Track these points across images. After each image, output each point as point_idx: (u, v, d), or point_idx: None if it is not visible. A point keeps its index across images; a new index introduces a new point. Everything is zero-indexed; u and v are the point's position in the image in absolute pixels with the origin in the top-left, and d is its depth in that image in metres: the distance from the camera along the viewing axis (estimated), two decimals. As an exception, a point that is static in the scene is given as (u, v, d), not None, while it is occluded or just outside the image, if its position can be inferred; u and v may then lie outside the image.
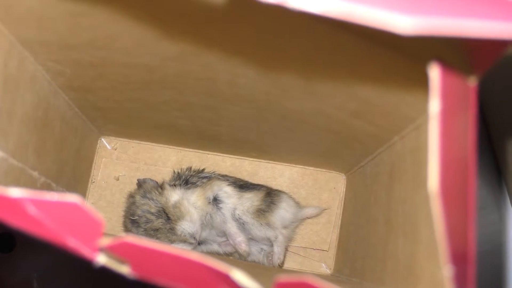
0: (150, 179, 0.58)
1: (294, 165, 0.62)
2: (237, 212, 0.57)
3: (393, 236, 0.42)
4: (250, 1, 0.21)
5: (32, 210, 0.28)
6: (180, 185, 0.58)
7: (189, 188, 0.57)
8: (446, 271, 0.26)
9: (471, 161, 0.28)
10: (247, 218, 0.57)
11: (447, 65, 0.25)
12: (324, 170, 0.62)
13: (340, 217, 0.62)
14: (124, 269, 0.30)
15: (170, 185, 0.57)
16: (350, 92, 0.38)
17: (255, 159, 0.62)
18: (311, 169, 0.63)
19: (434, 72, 0.26)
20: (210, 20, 0.32)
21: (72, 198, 0.28)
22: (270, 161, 0.63)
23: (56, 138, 0.48)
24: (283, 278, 0.29)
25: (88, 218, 0.29)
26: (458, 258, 0.27)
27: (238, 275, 0.28)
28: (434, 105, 0.26)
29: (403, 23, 0.19)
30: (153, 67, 0.41)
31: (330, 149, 0.54)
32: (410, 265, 0.37)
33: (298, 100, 0.42)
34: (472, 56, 0.26)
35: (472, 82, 0.29)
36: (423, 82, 0.28)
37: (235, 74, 0.40)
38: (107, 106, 0.51)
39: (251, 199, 0.58)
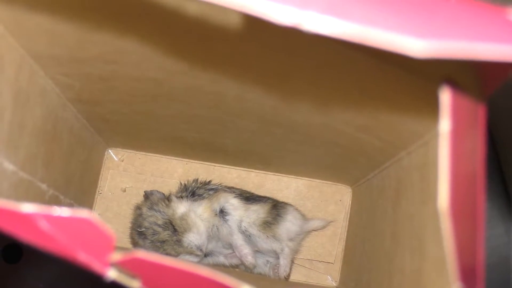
0: (157, 191, 0.58)
1: (300, 178, 0.63)
2: (243, 224, 0.57)
3: (400, 251, 0.42)
4: (264, 22, 0.22)
5: (44, 225, 0.29)
6: (186, 197, 0.58)
7: (195, 200, 0.58)
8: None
9: (480, 179, 0.28)
10: (253, 231, 0.57)
11: (457, 85, 0.26)
12: (330, 182, 0.63)
13: (346, 230, 0.62)
14: (135, 284, 0.30)
15: (177, 197, 0.58)
16: (358, 108, 0.38)
17: (261, 171, 0.63)
18: (317, 181, 0.63)
19: (445, 93, 0.26)
20: (222, 38, 0.33)
21: (83, 213, 0.29)
22: (276, 173, 0.63)
23: (64, 150, 0.49)
24: None
25: (100, 233, 0.29)
26: (467, 275, 0.27)
27: None
28: (445, 124, 0.26)
29: (416, 46, 0.20)
30: (162, 80, 0.42)
31: (337, 162, 0.54)
32: (417, 280, 0.38)
33: (306, 114, 0.42)
34: (481, 76, 0.26)
35: (481, 102, 0.29)
36: (431, 99, 0.29)
37: (243, 90, 0.41)
38: (114, 118, 0.51)
39: (257, 211, 0.58)
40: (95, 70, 0.41)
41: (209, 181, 0.60)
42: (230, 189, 0.60)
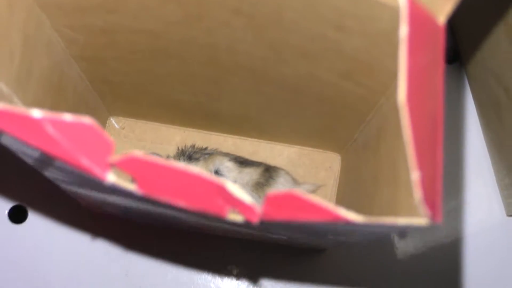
0: (156, 153, 0.61)
1: (292, 145, 0.66)
2: (236, 185, 0.60)
3: (379, 190, 0.46)
4: None
5: (50, 130, 0.32)
6: (183, 160, 0.61)
7: (191, 162, 0.61)
8: (414, 176, 0.29)
9: (439, 88, 0.32)
10: (247, 191, 0.61)
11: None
12: (320, 150, 0.66)
13: (336, 193, 0.65)
14: (132, 187, 0.33)
15: (174, 159, 0.61)
16: (338, 50, 0.41)
17: (255, 139, 0.66)
18: (308, 149, 0.66)
19: (403, 1, 0.29)
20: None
21: (86, 119, 0.32)
22: (270, 142, 0.66)
23: (69, 105, 0.52)
24: (272, 193, 0.32)
25: (100, 138, 0.32)
26: (426, 165, 0.30)
27: (231, 186, 0.32)
28: (403, 30, 0.29)
29: None
30: (158, 33, 0.45)
31: (325, 123, 0.58)
32: (393, 207, 0.41)
33: (292, 64, 0.46)
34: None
35: (441, 21, 0.32)
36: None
37: (234, 39, 0.44)
38: (116, 79, 0.55)
39: (251, 174, 0.61)
40: (98, 20, 0.44)
41: (206, 147, 0.64)
42: (225, 154, 0.63)
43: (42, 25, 0.44)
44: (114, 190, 0.36)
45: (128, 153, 0.32)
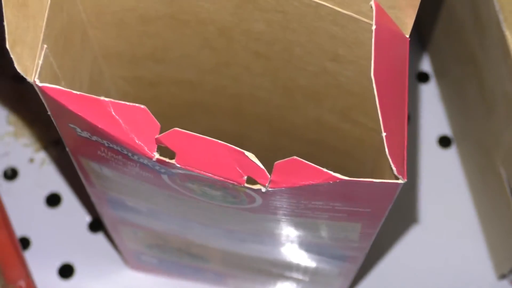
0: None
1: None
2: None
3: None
4: None
5: (112, 111, 0.42)
6: None
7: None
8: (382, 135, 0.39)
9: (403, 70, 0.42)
10: None
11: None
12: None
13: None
14: (173, 161, 0.42)
15: None
16: (337, 86, 0.52)
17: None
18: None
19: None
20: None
21: (140, 105, 0.42)
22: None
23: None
24: (278, 162, 0.41)
25: (151, 121, 0.42)
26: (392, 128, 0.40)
27: (248, 154, 0.41)
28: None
29: None
30: (195, 83, 0.57)
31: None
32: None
33: (303, 109, 0.56)
34: None
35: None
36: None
37: (255, 86, 0.55)
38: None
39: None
40: (146, 72, 0.56)
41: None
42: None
43: (103, 74, 0.56)
44: (158, 171, 0.45)
45: (170, 131, 0.42)
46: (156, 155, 0.41)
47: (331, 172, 0.39)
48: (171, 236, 0.60)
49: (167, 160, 0.42)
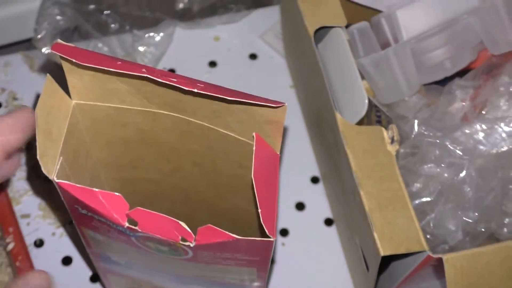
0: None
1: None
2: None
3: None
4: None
5: (100, 197, 0.66)
6: None
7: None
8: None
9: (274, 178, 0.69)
10: None
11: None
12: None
13: None
14: (136, 227, 0.61)
15: None
16: (246, 183, 0.80)
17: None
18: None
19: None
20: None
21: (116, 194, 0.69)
22: None
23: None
24: (201, 228, 0.65)
25: (123, 203, 0.55)
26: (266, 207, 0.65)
27: (182, 223, 0.67)
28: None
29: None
30: (158, 181, 0.84)
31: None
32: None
33: (227, 199, 0.82)
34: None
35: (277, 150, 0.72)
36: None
37: (196, 183, 0.82)
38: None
39: None
40: (127, 174, 0.84)
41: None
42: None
43: (100, 175, 0.84)
44: (128, 234, 0.72)
45: (134, 209, 0.57)
46: (127, 224, 0.56)
47: (230, 234, 0.54)
48: (143, 281, 0.79)
49: (133, 227, 0.56)
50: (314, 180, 1.08)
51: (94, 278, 1.00)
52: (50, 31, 1.03)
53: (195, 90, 0.62)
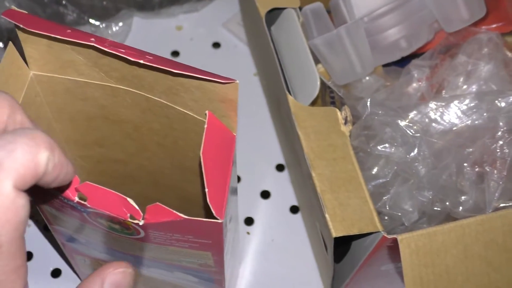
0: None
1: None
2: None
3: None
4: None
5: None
6: None
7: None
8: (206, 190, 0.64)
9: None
10: None
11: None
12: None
13: None
14: (85, 202, 0.65)
15: None
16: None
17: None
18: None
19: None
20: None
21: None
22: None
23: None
24: (150, 206, 0.68)
25: (76, 180, 0.56)
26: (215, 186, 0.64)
27: (130, 200, 0.67)
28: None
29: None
30: (126, 161, 0.84)
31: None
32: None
33: (193, 181, 0.83)
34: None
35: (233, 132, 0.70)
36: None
37: (162, 166, 0.82)
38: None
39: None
40: (94, 153, 0.84)
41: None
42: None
43: (66, 153, 0.83)
44: (80, 210, 0.71)
45: (83, 183, 0.64)
46: (76, 199, 0.56)
47: (178, 213, 0.53)
48: (104, 262, 0.83)
49: (82, 202, 0.56)
50: (280, 168, 1.08)
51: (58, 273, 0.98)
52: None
53: (141, 61, 0.60)
